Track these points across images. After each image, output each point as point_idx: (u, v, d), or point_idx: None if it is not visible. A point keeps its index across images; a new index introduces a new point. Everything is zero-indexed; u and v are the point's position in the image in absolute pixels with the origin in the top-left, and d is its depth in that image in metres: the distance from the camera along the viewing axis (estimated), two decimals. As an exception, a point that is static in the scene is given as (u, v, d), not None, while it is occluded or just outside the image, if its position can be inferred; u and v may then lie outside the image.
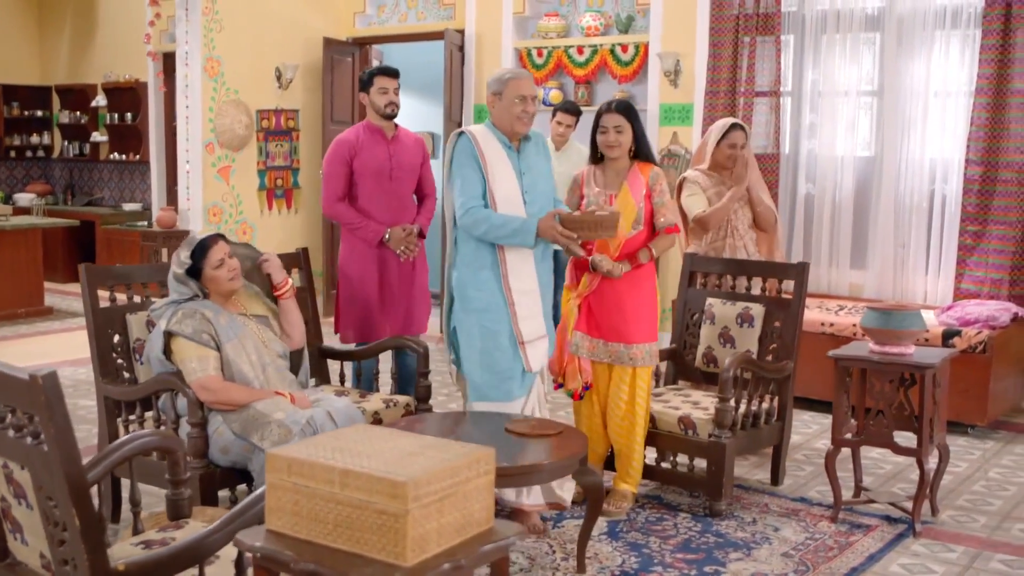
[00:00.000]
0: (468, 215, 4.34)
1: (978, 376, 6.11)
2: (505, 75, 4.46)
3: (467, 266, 4.49)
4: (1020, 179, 6.81)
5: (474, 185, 4.37)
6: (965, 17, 7.03)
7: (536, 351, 4.52)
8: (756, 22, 7.68)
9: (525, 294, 4.46)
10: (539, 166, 4.55)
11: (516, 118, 4.41)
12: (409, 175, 5.64)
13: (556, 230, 4.29)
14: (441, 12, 9.45)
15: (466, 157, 4.39)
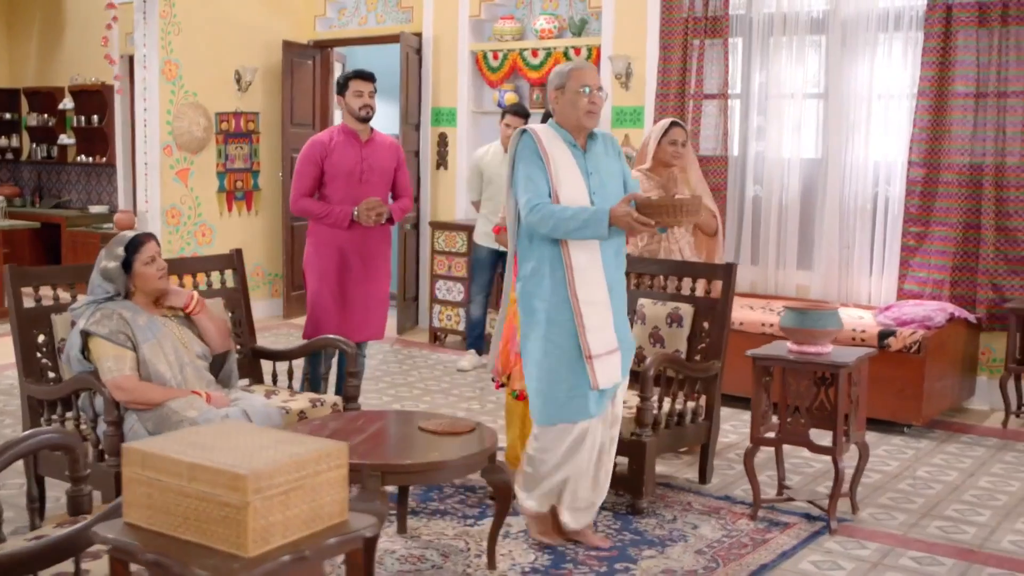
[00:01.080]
0: (534, 212, 4.01)
1: (912, 376, 6.15)
2: (566, 67, 4.19)
3: (531, 276, 4.16)
4: (961, 181, 6.86)
5: (539, 183, 4.06)
6: (907, 20, 7.08)
7: (606, 367, 4.16)
8: (705, 25, 7.73)
9: (593, 304, 4.11)
10: (608, 167, 4.23)
11: (583, 112, 4.11)
12: (381, 178, 5.70)
13: (632, 216, 3.95)
14: (399, 15, 9.49)
15: (530, 154, 4.10)
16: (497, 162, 7.51)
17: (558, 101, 4.17)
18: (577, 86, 4.09)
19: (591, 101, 4.10)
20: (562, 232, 4.01)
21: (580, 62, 4.24)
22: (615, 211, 3.96)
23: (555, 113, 4.21)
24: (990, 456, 5.88)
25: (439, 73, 9.20)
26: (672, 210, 3.96)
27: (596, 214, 3.97)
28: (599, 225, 3.97)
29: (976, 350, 6.91)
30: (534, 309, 4.16)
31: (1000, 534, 4.69)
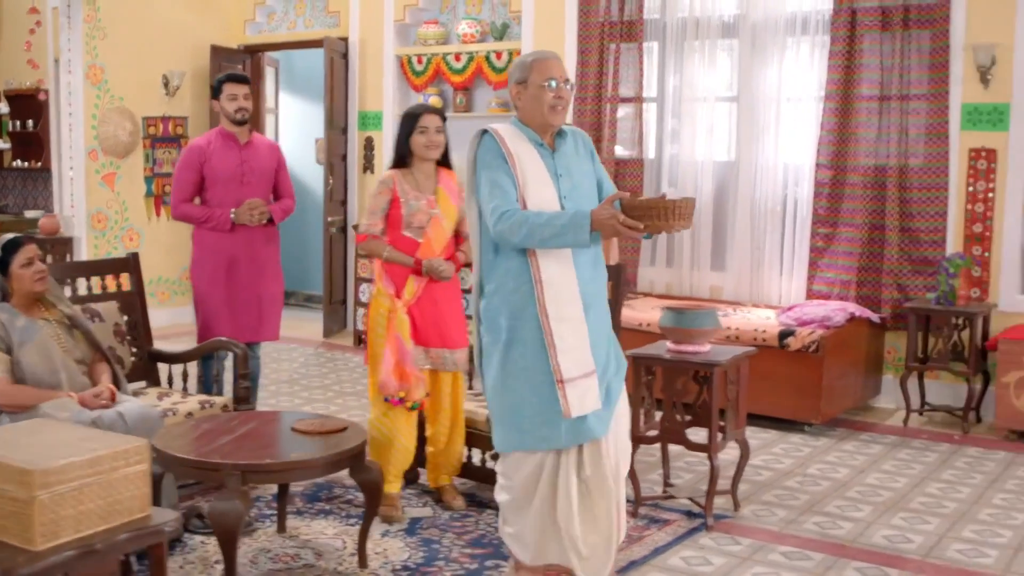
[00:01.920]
0: (503, 220, 3.52)
1: (811, 375, 6.24)
2: (528, 58, 3.71)
3: (496, 292, 3.66)
4: (866, 183, 6.96)
5: (507, 187, 3.58)
6: (814, 24, 7.18)
7: (581, 392, 3.60)
8: (620, 29, 7.81)
9: (566, 321, 3.59)
10: (580, 167, 3.76)
11: (548, 107, 3.63)
12: (262, 180, 5.71)
13: (617, 220, 3.41)
14: (327, 20, 9.53)
15: (493, 157, 3.61)
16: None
17: (520, 97, 3.70)
18: (541, 79, 3.62)
19: (557, 95, 3.63)
20: (536, 240, 3.51)
21: (543, 52, 3.75)
22: (597, 214, 3.45)
23: (518, 110, 3.74)
24: (884, 453, 5.96)
25: (365, 77, 9.25)
26: (663, 212, 3.44)
27: (575, 218, 3.48)
28: (579, 230, 3.47)
29: (882, 349, 7.00)
30: (499, 328, 3.65)
31: (875, 529, 4.76)
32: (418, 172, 4.84)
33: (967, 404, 6.43)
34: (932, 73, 6.78)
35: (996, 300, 6.68)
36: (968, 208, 6.73)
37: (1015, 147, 6.57)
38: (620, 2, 7.80)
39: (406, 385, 4.70)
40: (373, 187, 4.99)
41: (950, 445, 6.15)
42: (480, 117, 8.59)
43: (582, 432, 3.62)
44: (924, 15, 6.78)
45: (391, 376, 4.68)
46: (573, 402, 3.58)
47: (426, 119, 4.78)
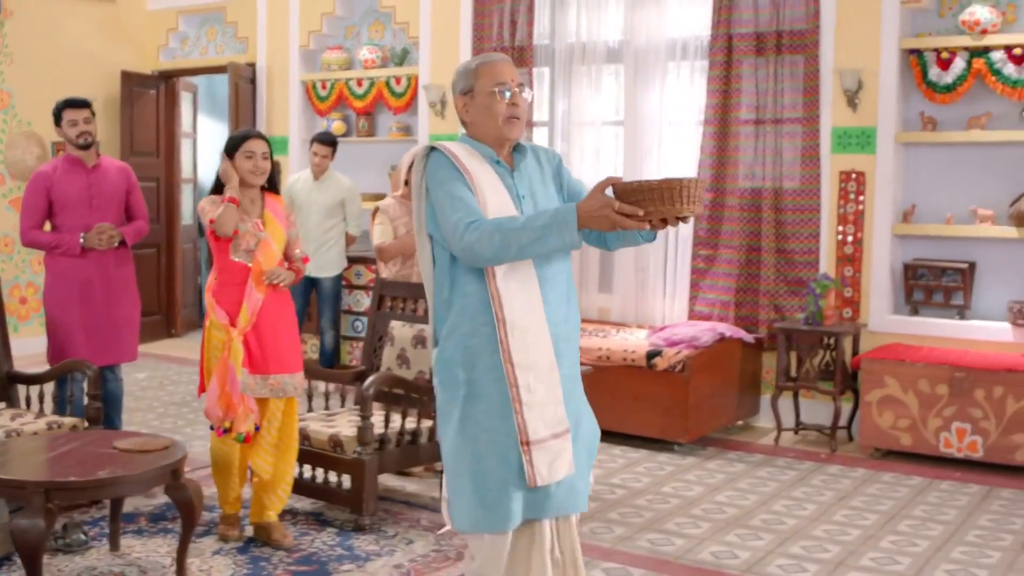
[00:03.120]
0: (471, 230, 2.98)
1: (678, 395, 6.31)
2: (472, 63, 3.20)
3: (450, 335, 3.13)
4: (743, 205, 7.07)
5: (468, 200, 3.05)
6: (694, 49, 7.30)
7: (551, 456, 3.09)
8: (512, 55, 7.89)
9: (535, 370, 3.07)
10: (544, 189, 3.25)
11: (503, 119, 3.13)
12: (111, 203, 5.74)
13: (611, 207, 2.83)
14: (237, 45, 9.62)
15: (447, 172, 3.10)
16: (307, 189, 7.62)
17: (468, 109, 3.20)
18: (490, 85, 3.12)
19: (512, 103, 3.13)
20: (514, 250, 2.97)
21: (490, 55, 3.24)
22: (586, 206, 2.88)
23: (466, 126, 3.24)
24: (745, 472, 6.03)
25: (272, 102, 9.33)
26: (670, 194, 2.79)
27: (558, 214, 2.92)
28: (564, 228, 2.91)
29: (760, 369, 7.09)
30: (456, 381, 3.12)
31: (705, 545, 4.82)
32: (243, 197, 4.75)
33: (834, 423, 6.51)
34: (805, 97, 6.91)
35: (866, 320, 6.78)
36: (839, 230, 6.84)
37: (882, 170, 6.69)
38: (511, 28, 7.92)
39: (232, 416, 4.62)
40: (205, 207, 4.77)
41: (814, 463, 6.23)
42: (381, 142, 8.69)
43: (553, 505, 3.13)
44: (796, 41, 6.91)
45: (216, 406, 4.62)
46: (541, 468, 3.07)
47: (252, 144, 4.73)
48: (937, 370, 6.09)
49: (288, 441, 4.86)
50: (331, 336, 7.85)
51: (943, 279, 6.63)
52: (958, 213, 6.63)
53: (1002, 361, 6.06)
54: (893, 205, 6.72)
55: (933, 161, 6.76)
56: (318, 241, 7.53)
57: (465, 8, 8.14)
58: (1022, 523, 5.16)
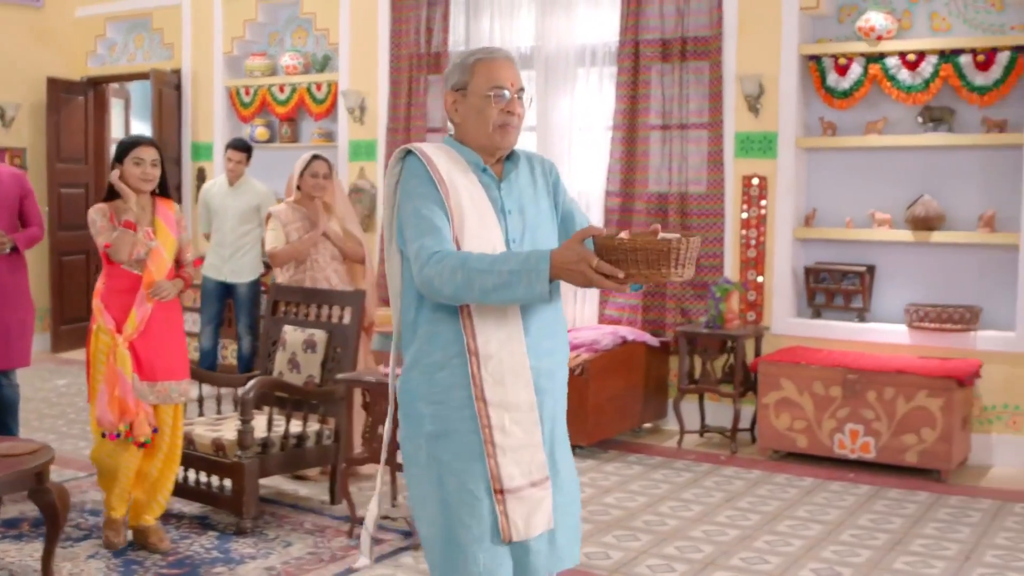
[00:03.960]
0: (432, 263, 2.64)
1: (577, 398, 6.30)
2: (469, 58, 2.83)
3: (414, 366, 2.79)
4: (650, 209, 7.14)
5: (438, 223, 2.71)
6: (602, 55, 7.37)
7: (528, 507, 2.74)
8: (428, 61, 7.97)
9: (511, 409, 2.72)
10: (536, 205, 2.88)
11: (496, 126, 2.77)
12: (3, 210, 5.73)
13: (588, 264, 2.49)
14: (163, 52, 9.63)
15: (420, 184, 2.75)
16: (222, 195, 7.64)
17: (457, 108, 2.84)
18: (486, 86, 2.77)
19: (507, 110, 2.78)
20: (476, 292, 2.60)
21: (491, 50, 2.88)
22: (560, 256, 2.53)
23: (454, 125, 2.91)
24: (640, 474, 6.08)
25: (197, 109, 9.35)
26: (660, 256, 2.48)
27: (529, 261, 2.56)
28: (534, 278, 2.54)
29: (667, 373, 7.15)
30: (418, 416, 2.78)
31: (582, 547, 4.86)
32: (134, 204, 4.74)
33: (734, 425, 6.58)
34: (710, 103, 6.99)
35: (769, 323, 6.86)
36: (743, 234, 6.92)
37: (783, 174, 6.77)
38: (427, 35, 7.97)
39: (128, 419, 4.62)
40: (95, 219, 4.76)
41: (712, 465, 6.29)
42: (304, 148, 8.71)
43: (534, 564, 2.80)
44: (700, 47, 6.99)
45: (107, 411, 4.61)
46: (516, 521, 2.73)
47: (141, 151, 4.70)
48: (831, 372, 6.16)
49: (173, 448, 4.87)
50: (248, 341, 7.85)
51: (843, 282, 6.71)
52: (858, 217, 6.71)
53: (893, 363, 6.14)
54: (794, 209, 6.81)
55: (833, 165, 6.85)
56: (234, 247, 7.55)
57: (383, 15, 8.19)
58: (900, 522, 5.23)
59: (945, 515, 5.35)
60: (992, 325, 6.38)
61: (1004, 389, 6.25)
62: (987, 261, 6.42)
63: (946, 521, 5.26)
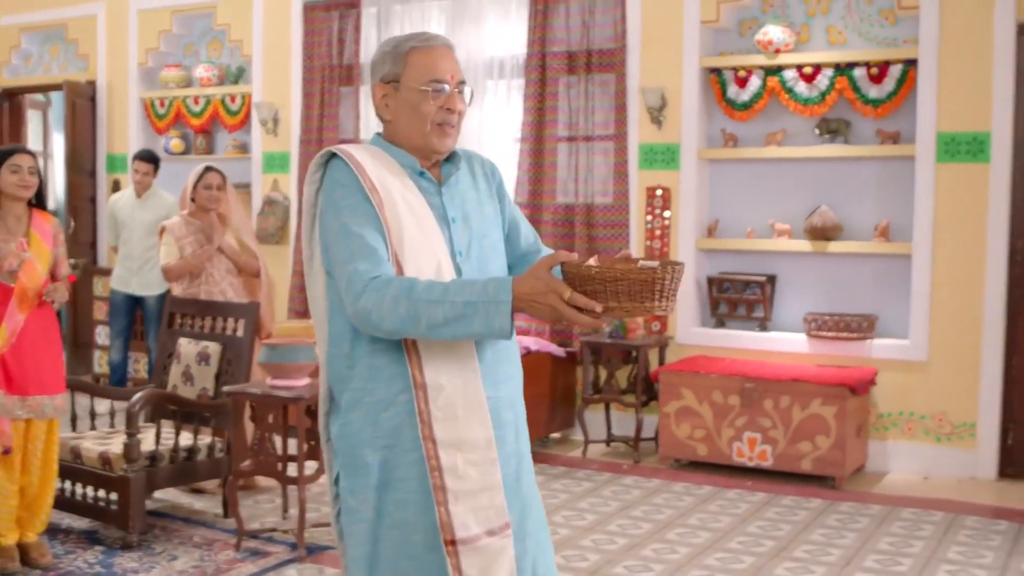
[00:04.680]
0: (370, 292, 2.28)
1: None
2: (402, 45, 2.47)
3: (353, 407, 2.42)
4: (557, 220, 7.19)
5: (372, 241, 2.34)
6: (510, 67, 7.41)
7: (486, 559, 2.37)
8: (340, 73, 7.97)
9: (464, 447, 2.37)
10: (481, 211, 2.55)
11: (433, 125, 2.45)
12: None
13: (560, 295, 2.18)
14: (78, 63, 9.55)
15: (348, 194, 2.38)
16: (129, 207, 7.58)
17: (388, 103, 2.49)
18: (422, 79, 2.43)
19: (447, 107, 2.46)
20: (423, 326, 2.26)
21: (426, 36, 2.50)
22: (525, 286, 2.21)
23: (384, 123, 2.54)
24: (541, 484, 6.03)
25: (112, 120, 9.28)
26: (641, 288, 2.17)
27: (488, 290, 2.22)
28: (494, 311, 2.21)
29: (574, 383, 7.19)
30: (364, 466, 2.41)
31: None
32: (8, 214, 4.67)
33: (636, 434, 6.63)
34: (615, 115, 7.05)
35: (674, 333, 6.92)
36: (647, 244, 6.99)
37: (686, 185, 6.85)
38: (339, 46, 7.97)
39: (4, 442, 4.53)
40: None
41: (613, 475, 6.33)
42: (219, 159, 8.67)
43: None
44: (605, 59, 7.05)
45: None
46: (470, 574, 2.35)
47: (18, 158, 4.65)
48: (730, 381, 6.23)
49: (48, 463, 4.79)
50: (158, 355, 7.80)
51: (745, 292, 6.79)
52: (759, 227, 6.80)
53: (789, 372, 6.22)
54: (697, 220, 6.88)
55: (735, 177, 6.94)
56: (141, 259, 7.49)
57: (295, 27, 8.18)
58: (789, 529, 5.30)
59: (834, 521, 5.43)
60: (887, 333, 6.48)
61: (899, 396, 6.36)
62: (882, 270, 6.53)
63: (834, 527, 5.33)
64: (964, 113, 6.15)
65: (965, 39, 6.14)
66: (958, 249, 6.20)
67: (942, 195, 6.22)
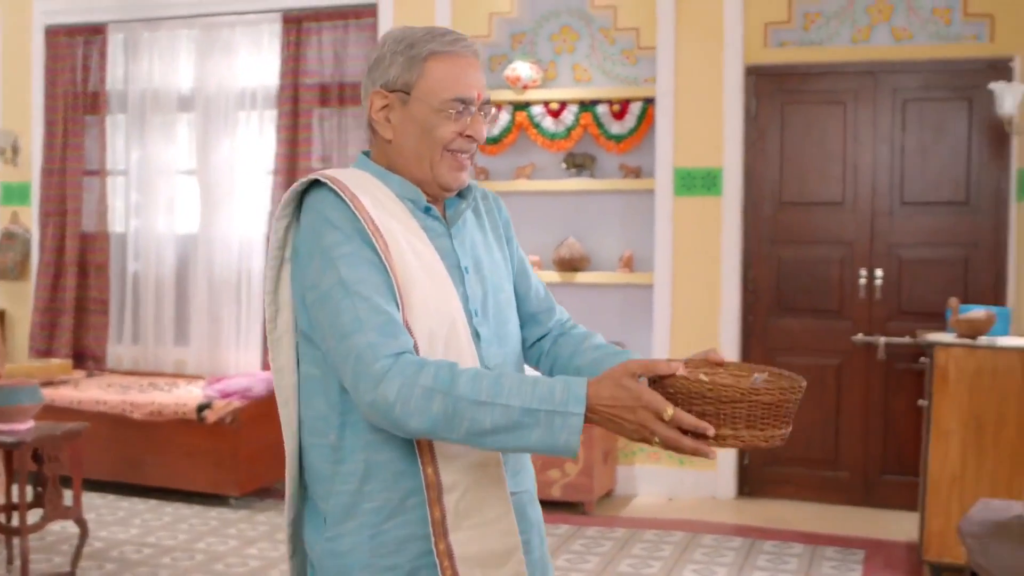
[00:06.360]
0: (393, 376, 1.74)
1: (229, 447, 6.21)
2: (421, 47, 1.94)
3: (352, 514, 1.89)
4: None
5: (384, 303, 1.81)
6: (263, 98, 7.30)
7: None
8: (85, 101, 7.67)
9: (489, 563, 1.88)
10: (491, 256, 2.08)
11: (445, 153, 1.96)
12: None
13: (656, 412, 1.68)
14: None
15: (345, 239, 1.85)
16: None
17: (390, 117, 1.99)
18: (442, 94, 1.93)
19: (467, 133, 1.95)
20: (463, 431, 1.73)
21: (450, 37, 1.96)
22: (606, 394, 1.70)
23: (379, 142, 2.04)
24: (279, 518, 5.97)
25: None
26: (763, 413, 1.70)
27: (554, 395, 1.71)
28: (559, 423, 1.71)
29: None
30: None
31: (207, 601, 4.74)
32: None
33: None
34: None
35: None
36: (402, 277, 6.98)
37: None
38: (84, 73, 7.67)
39: None
40: None
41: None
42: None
43: None
44: (358, 92, 6.98)
45: None
46: None
47: None
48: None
49: None
50: None
51: (498, 323, 6.87)
52: (511, 259, 6.90)
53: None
54: (451, 252, 6.92)
55: (487, 210, 7.01)
56: None
57: (37, 52, 7.81)
58: (535, 556, 5.36)
59: (579, 546, 5.54)
60: (633, 361, 6.67)
61: (645, 422, 6.55)
62: (627, 299, 6.74)
63: (579, 552, 5.44)
64: (698, 149, 6.45)
65: (698, 80, 6.45)
66: (696, 278, 6.48)
67: (680, 227, 6.49)
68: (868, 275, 6.34)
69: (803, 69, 6.44)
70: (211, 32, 7.35)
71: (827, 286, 6.45)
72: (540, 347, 2.17)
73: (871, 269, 6.34)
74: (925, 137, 6.26)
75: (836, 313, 6.43)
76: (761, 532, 5.79)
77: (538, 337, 2.19)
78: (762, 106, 6.50)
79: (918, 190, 6.28)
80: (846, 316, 6.41)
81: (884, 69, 6.30)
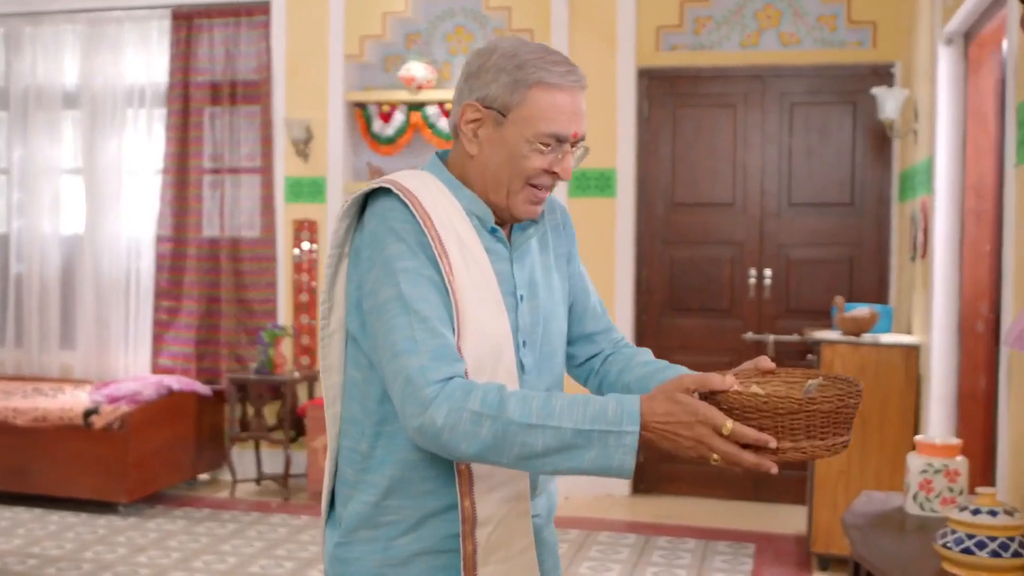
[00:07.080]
0: (443, 400, 1.68)
1: (117, 453, 6.07)
2: (531, 71, 1.84)
3: (368, 524, 1.86)
4: (202, 254, 7.00)
5: (440, 325, 1.75)
6: (151, 96, 7.14)
7: None
8: (-36, 97, 7.42)
9: None
10: (547, 280, 2.03)
11: (526, 184, 1.88)
12: None
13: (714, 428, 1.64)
14: None
15: (409, 253, 1.78)
16: None
17: (478, 132, 1.88)
18: (540, 127, 1.84)
19: (550, 170, 1.87)
20: (512, 456, 1.68)
21: (562, 64, 1.89)
22: (661, 409, 1.66)
23: (462, 155, 1.92)
24: (183, 529, 5.87)
25: None
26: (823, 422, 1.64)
27: (607, 414, 1.67)
28: (615, 443, 1.67)
29: (223, 421, 6.98)
30: None
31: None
32: None
33: (285, 472, 6.52)
34: (261, 147, 6.95)
35: (323, 367, 6.86)
36: (295, 278, 6.91)
37: (332, 219, 6.81)
38: (-37, 68, 7.42)
39: None
40: None
41: (261, 514, 6.18)
42: None
43: None
44: (250, 91, 6.95)
45: None
46: None
47: None
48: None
49: None
50: None
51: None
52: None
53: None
54: (346, 253, 6.87)
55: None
56: None
57: (-88, 46, 7.53)
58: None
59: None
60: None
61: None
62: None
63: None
64: (593, 150, 6.47)
65: (591, 82, 6.37)
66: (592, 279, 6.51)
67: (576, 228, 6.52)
68: (757, 275, 6.48)
69: (694, 72, 6.54)
70: (97, 27, 7.16)
71: (718, 286, 6.57)
72: (590, 366, 2.14)
73: (760, 269, 6.48)
74: (811, 140, 6.43)
75: (727, 312, 6.56)
76: (655, 528, 5.88)
77: (590, 355, 2.16)
78: (654, 108, 6.59)
79: (805, 192, 6.44)
80: (736, 315, 6.54)
81: (772, 73, 6.45)
